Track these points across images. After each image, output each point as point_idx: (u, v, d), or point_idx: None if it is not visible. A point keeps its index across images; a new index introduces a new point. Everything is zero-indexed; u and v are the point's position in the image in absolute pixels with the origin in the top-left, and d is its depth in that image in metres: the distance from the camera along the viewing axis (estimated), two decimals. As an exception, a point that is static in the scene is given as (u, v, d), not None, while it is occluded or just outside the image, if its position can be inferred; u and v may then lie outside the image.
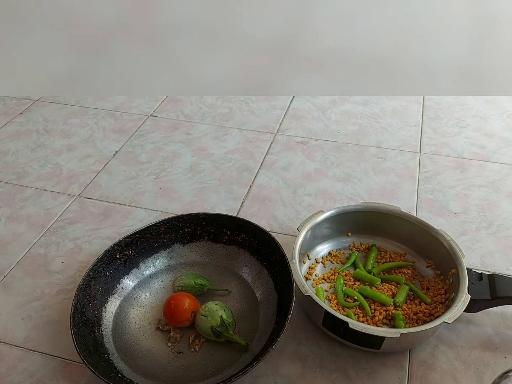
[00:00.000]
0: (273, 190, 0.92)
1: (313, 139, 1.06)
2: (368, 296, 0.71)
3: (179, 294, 0.69)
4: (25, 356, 0.66)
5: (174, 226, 0.75)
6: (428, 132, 1.07)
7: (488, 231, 0.83)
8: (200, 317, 0.65)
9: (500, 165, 0.98)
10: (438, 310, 0.68)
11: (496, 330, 0.68)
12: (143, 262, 0.74)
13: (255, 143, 1.05)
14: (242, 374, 0.56)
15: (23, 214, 0.88)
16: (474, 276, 0.67)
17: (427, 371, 0.63)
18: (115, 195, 0.92)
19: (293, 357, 0.65)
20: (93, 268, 0.68)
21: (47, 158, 1.02)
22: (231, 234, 0.75)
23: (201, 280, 0.71)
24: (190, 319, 0.66)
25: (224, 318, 0.64)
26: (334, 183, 0.94)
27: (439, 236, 0.72)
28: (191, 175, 0.97)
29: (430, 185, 0.93)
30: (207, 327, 0.64)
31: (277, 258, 0.69)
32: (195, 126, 1.11)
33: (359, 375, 0.63)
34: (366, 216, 0.78)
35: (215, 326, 0.64)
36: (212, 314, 0.65)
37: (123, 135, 1.08)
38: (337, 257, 0.77)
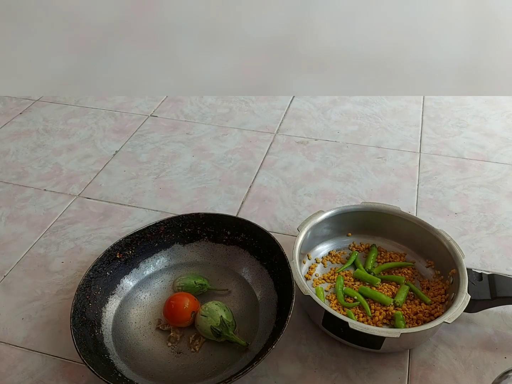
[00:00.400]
0: (273, 190, 0.92)
1: (313, 139, 1.06)
2: (368, 296, 0.71)
3: (179, 294, 0.69)
4: (25, 356, 0.66)
5: (174, 226, 0.75)
6: (428, 132, 1.07)
7: (488, 231, 0.83)
8: (200, 317, 0.65)
9: (500, 165, 0.98)
10: (438, 310, 0.68)
11: (496, 330, 0.68)
12: (143, 262, 0.74)
13: (255, 143, 1.05)
14: (242, 374, 0.56)
15: (23, 214, 0.88)
16: (474, 276, 0.67)
17: (427, 371, 0.63)
18: (115, 195, 0.92)
19: (293, 357, 0.65)
20: (93, 268, 0.68)
21: (47, 158, 1.02)
22: (231, 234, 0.75)
23: (201, 280, 0.71)
24: (190, 319, 0.66)
25: (224, 318, 0.64)
26: (334, 183, 0.94)
27: (439, 236, 0.72)
28: (191, 175, 0.97)
29: (430, 185, 0.93)
30: (207, 327, 0.64)
31: (277, 258, 0.69)
32: (195, 126, 1.11)
33: (359, 375, 0.63)
34: (366, 216, 0.78)
35: (215, 326, 0.64)
36: (212, 314, 0.65)
37: (123, 135, 1.08)
38: (337, 257, 0.77)
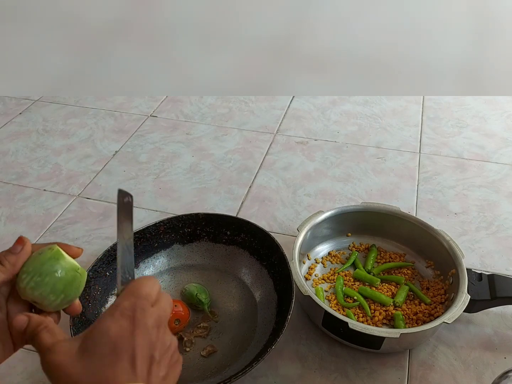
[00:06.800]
0: (273, 190, 0.92)
1: (313, 139, 1.06)
2: (368, 296, 0.71)
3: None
4: (25, 356, 0.66)
5: (174, 226, 0.75)
6: (427, 132, 1.07)
7: (487, 231, 0.83)
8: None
9: (499, 165, 0.98)
10: (437, 310, 0.68)
11: (496, 330, 0.68)
12: (143, 262, 0.74)
13: (255, 143, 1.05)
14: (242, 374, 0.56)
15: (23, 214, 0.88)
16: (474, 276, 0.67)
17: (427, 371, 0.63)
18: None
19: (293, 357, 0.65)
20: (93, 268, 0.68)
21: (47, 158, 1.02)
22: (230, 234, 0.75)
23: (205, 297, 0.70)
24: (175, 328, 0.66)
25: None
26: (334, 183, 0.94)
27: (439, 236, 0.72)
28: (191, 175, 0.97)
29: (430, 185, 0.93)
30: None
31: (277, 258, 0.69)
32: (195, 126, 1.11)
33: (359, 375, 0.63)
34: (366, 216, 0.78)
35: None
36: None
37: (123, 135, 1.08)
38: (337, 257, 0.77)
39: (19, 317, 0.40)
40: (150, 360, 0.37)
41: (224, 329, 0.68)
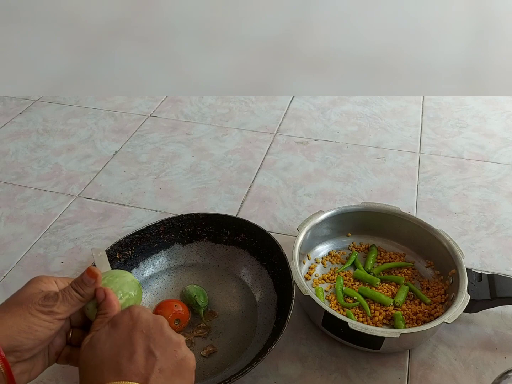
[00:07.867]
0: (273, 190, 0.92)
1: (313, 139, 1.06)
2: (368, 296, 0.71)
3: (169, 302, 0.68)
4: (25, 356, 0.66)
5: (174, 226, 0.75)
6: (427, 133, 1.07)
7: (487, 231, 0.83)
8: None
9: (499, 165, 0.98)
10: (437, 310, 0.68)
11: (496, 330, 0.68)
12: (143, 263, 0.74)
13: (255, 143, 1.05)
14: (242, 374, 0.56)
15: (23, 214, 0.88)
16: (474, 276, 0.67)
17: (427, 371, 0.63)
18: (115, 195, 0.92)
19: (293, 357, 0.65)
20: (93, 268, 0.68)
21: (47, 158, 1.02)
22: (231, 234, 0.75)
23: (202, 300, 0.69)
24: (175, 327, 0.66)
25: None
26: (334, 183, 0.94)
27: (439, 236, 0.72)
28: (191, 175, 0.97)
29: (430, 185, 0.93)
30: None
31: (277, 258, 0.69)
32: (195, 126, 1.11)
33: (359, 375, 0.63)
34: (366, 216, 0.78)
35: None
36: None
37: (123, 135, 1.08)
38: (337, 257, 0.77)
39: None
40: (147, 353, 0.41)
41: (224, 329, 0.68)
